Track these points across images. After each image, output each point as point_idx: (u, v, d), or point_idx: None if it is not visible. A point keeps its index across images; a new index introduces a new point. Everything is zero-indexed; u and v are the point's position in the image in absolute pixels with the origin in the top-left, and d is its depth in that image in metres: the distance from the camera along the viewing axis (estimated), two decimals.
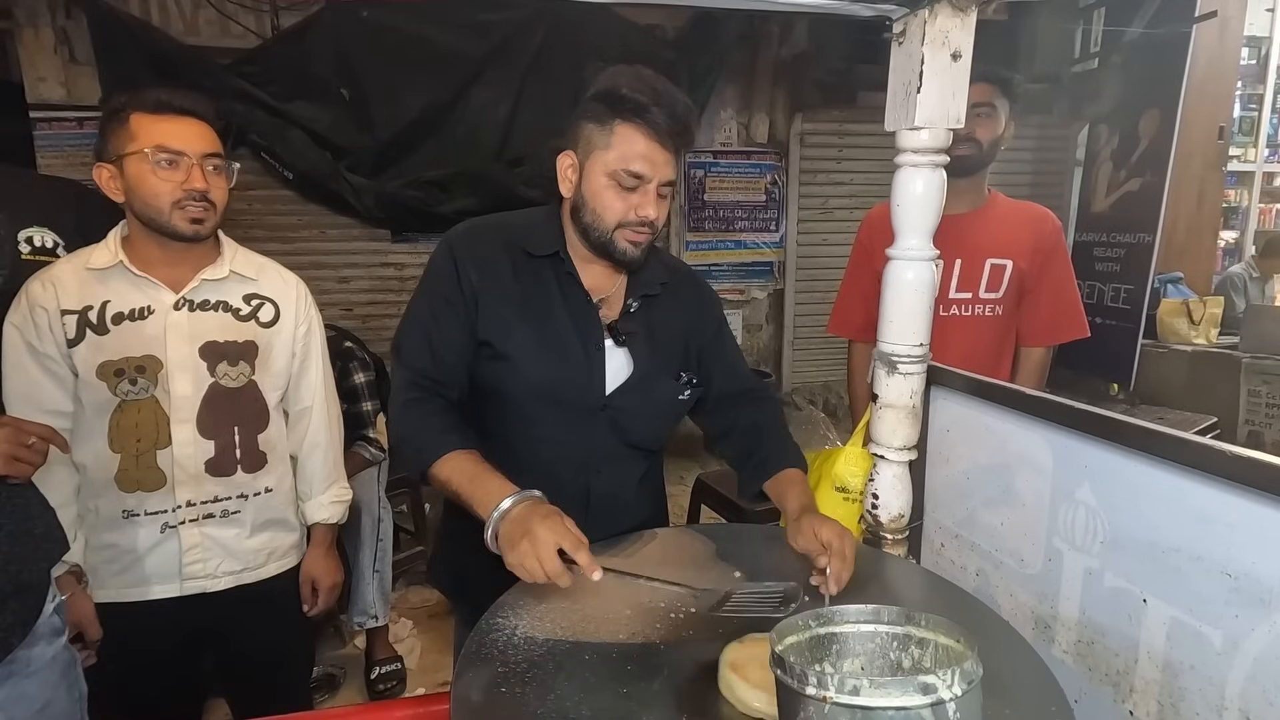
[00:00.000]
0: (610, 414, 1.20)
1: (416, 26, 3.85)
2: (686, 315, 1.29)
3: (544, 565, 0.90)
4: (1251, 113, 6.16)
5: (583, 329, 1.18)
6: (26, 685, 1.04)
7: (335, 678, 2.47)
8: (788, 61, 4.64)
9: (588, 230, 1.15)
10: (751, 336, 5.12)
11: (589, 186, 1.13)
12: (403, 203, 3.94)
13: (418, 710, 1.05)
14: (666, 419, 1.28)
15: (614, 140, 1.09)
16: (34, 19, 3.57)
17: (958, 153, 1.69)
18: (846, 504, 1.40)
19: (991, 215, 1.83)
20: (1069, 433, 1.05)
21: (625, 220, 1.12)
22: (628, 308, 1.23)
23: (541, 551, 0.91)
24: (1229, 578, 0.83)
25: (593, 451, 1.21)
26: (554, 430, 1.19)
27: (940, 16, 1.11)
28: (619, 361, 1.21)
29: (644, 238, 1.14)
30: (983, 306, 1.81)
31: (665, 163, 1.11)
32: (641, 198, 1.11)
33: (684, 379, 1.27)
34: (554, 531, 0.92)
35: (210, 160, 1.30)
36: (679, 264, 1.37)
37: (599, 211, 1.12)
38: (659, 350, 1.24)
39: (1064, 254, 1.87)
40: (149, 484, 1.31)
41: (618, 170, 1.09)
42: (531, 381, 1.17)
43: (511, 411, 1.19)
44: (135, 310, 1.30)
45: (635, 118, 1.08)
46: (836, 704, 0.59)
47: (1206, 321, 4.26)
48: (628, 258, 1.15)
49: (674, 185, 1.15)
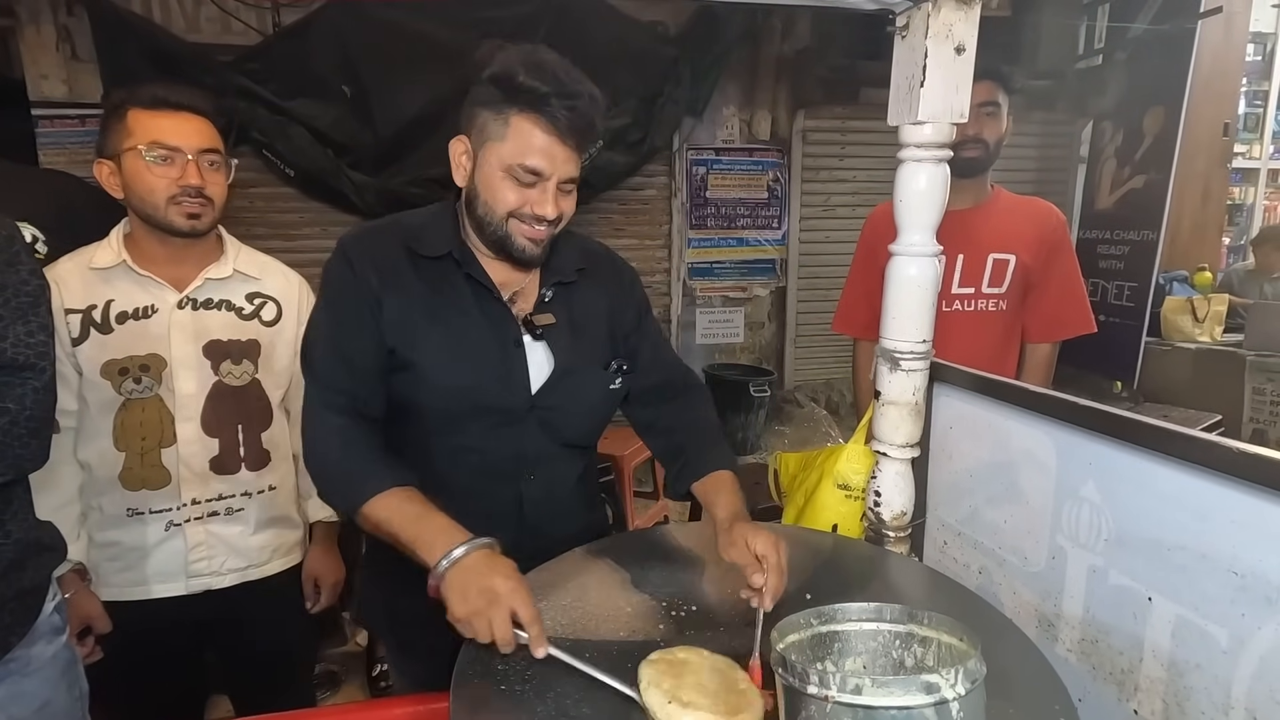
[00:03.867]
0: (539, 414, 1.12)
1: (418, 23, 3.85)
2: (609, 300, 1.21)
3: (495, 631, 0.84)
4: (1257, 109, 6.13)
5: (496, 327, 1.10)
6: (26, 684, 1.04)
7: (337, 675, 2.48)
8: (790, 58, 4.63)
9: (482, 224, 1.07)
10: (753, 334, 5.11)
11: (482, 177, 1.05)
12: (405, 200, 3.93)
13: (419, 708, 1.05)
14: (599, 412, 1.20)
15: (509, 132, 1.01)
16: (36, 16, 3.57)
17: (966, 154, 1.70)
18: (849, 502, 1.40)
19: (995, 210, 1.82)
20: (1073, 430, 1.04)
21: (519, 212, 1.04)
22: (542, 298, 1.15)
23: (496, 615, 0.85)
24: (1235, 576, 0.82)
25: (523, 457, 1.13)
26: (478, 439, 1.10)
27: (944, 10, 1.11)
28: (539, 357, 1.13)
29: (542, 235, 1.06)
30: (986, 302, 1.80)
31: (566, 159, 1.03)
32: (539, 194, 1.03)
33: (614, 367, 1.18)
34: (515, 597, 0.86)
35: (207, 156, 1.30)
36: (598, 247, 1.27)
37: (491, 204, 1.04)
38: (583, 340, 1.16)
39: (1069, 249, 1.85)
40: (154, 482, 1.32)
41: (513, 165, 1.01)
42: (446, 389, 1.08)
43: (428, 423, 1.10)
44: (139, 309, 1.30)
45: (533, 110, 0.99)
46: (839, 703, 0.59)
47: (1210, 319, 4.24)
48: (526, 255, 1.07)
49: (576, 180, 1.07)
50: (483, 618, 0.85)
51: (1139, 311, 4.06)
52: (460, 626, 0.87)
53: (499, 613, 0.85)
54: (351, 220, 4.18)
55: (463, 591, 0.87)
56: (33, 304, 0.97)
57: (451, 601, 0.87)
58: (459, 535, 0.93)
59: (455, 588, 0.88)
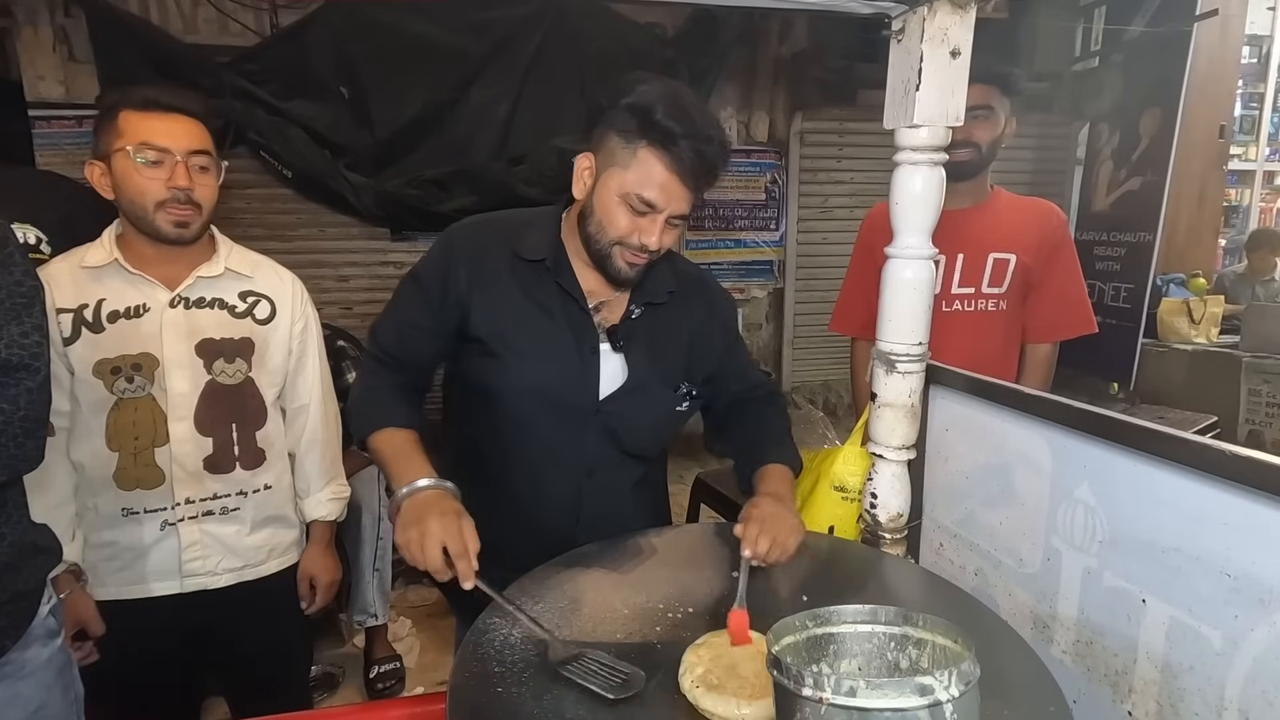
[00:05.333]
0: (603, 419, 1.19)
1: (416, 25, 3.85)
2: (693, 325, 1.26)
3: (425, 556, 0.95)
4: (1252, 111, 6.16)
5: (577, 332, 1.17)
6: (21, 687, 1.04)
7: (334, 676, 2.47)
8: (788, 60, 4.64)
9: (590, 239, 1.13)
10: (751, 335, 5.12)
11: (600, 198, 1.11)
12: (402, 201, 3.93)
13: (416, 710, 1.05)
14: (662, 429, 1.27)
15: (635, 162, 1.06)
16: (33, 17, 3.57)
17: (958, 157, 1.68)
18: (845, 503, 1.40)
19: (994, 210, 1.81)
20: (1068, 432, 1.04)
21: (626, 240, 1.10)
22: (629, 314, 1.21)
23: (427, 544, 0.95)
24: (1228, 578, 0.83)
25: (584, 456, 1.20)
26: (545, 431, 1.19)
27: (939, 14, 1.11)
28: (615, 367, 1.19)
29: (642, 261, 1.13)
30: (986, 302, 1.79)
31: (681, 197, 1.08)
32: (649, 224, 1.09)
33: (683, 390, 1.24)
34: (445, 530, 0.96)
35: (197, 158, 1.29)
36: (692, 269, 1.33)
37: (604, 224, 1.11)
38: (658, 359, 1.22)
39: (1070, 249, 1.84)
40: (148, 482, 1.31)
41: (631, 194, 1.07)
42: (523, 380, 1.16)
43: (502, 409, 1.19)
44: (131, 308, 1.30)
45: (662, 147, 1.04)
46: (833, 705, 0.59)
47: (1207, 321, 4.25)
48: (621, 277, 1.14)
49: (687, 218, 1.13)
50: (416, 545, 0.96)
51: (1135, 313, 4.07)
52: (402, 553, 0.98)
53: (430, 542, 0.95)
54: (349, 222, 4.19)
55: (404, 521, 0.99)
56: (27, 304, 0.97)
57: (397, 526, 1.00)
58: (425, 473, 1.05)
59: (402, 515, 1.00)
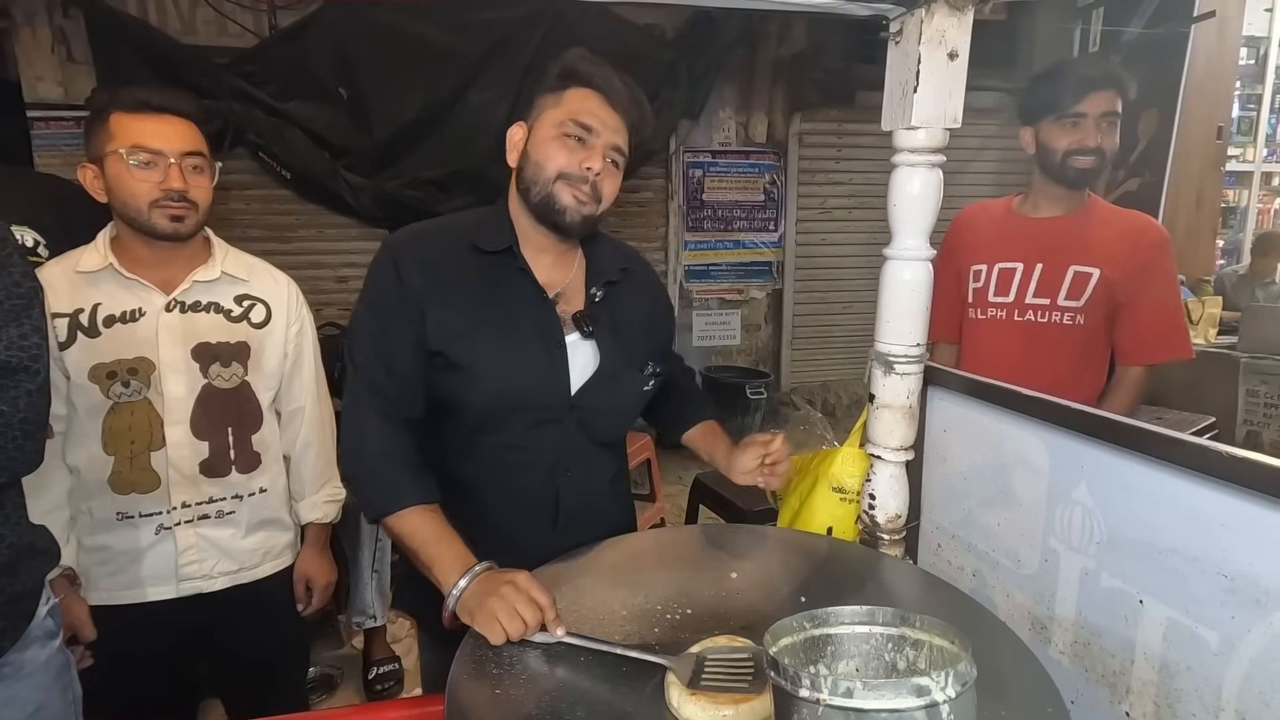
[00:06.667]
0: (578, 414, 1.15)
1: (415, 26, 3.85)
2: (649, 304, 1.27)
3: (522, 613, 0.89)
4: (1250, 112, 6.17)
5: (541, 328, 1.12)
6: (19, 688, 1.04)
7: (333, 678, 2.47)
8: (786, 61, 4.64)
9: (529, 188, 1.10)
10: (750, 336, 5.12)
11: (535, 144, 1.10)
12: (401, 202, 3.93)
13: (414, 711, 1.05)
14: (631, 412, 1.25)
15: (565, 99, 1.09)
16: (31, 18, 3.57)
17: (1084, 165, 1.66)
18: (843, 504, 1.40)
19: (1085, 221, 1.73)
20: (1066, 433, 1.04)
21: (567, 171, 1.07)
22: (591, 297, 1.17)
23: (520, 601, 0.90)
24: (1225, 579, 0.83)
25: (560, 454, 1.16)
26: (519, 437, 1.13)
27: (937, 16, 1.11)
28: (585, 356, 1.15)
29: (586, 196, 1.09)
30: (1060, 314, 1.70)
31: (616, 127, 1.10)
32: (587, 151, 1.08)
33: (650, 369, 1.21)
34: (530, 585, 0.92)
35: (190, 159, 1.29)
36: (634, 251, 1.33)
37: (542, 163, 1.08)
38: (623, 341, 1.18)
39: (1166, 268, 1.70)
40: (143, 486, 1.31)
41: (566, 121, 1.07)
42: (491, 389, 1.10)
43: (471, 422, 1.12)
44: (126, 312, 1.30)
45: (588, 83, 1.09)
46: (830, 706, 0.59)
47: (1205, 321, 4.25)
48: (567, 218, 1.09)
49: (624, 158, 1.13)
50: (505, 606, 0.89)
51: None
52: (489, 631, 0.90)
53: (520, 597, 0.90)
54: (347, 223, 4.19)
55: (479, 602, 0.92)
56: (25, 306, 0.96)
57: (474, 619, 0.92)
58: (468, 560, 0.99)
59: (470, 606, 0.93)
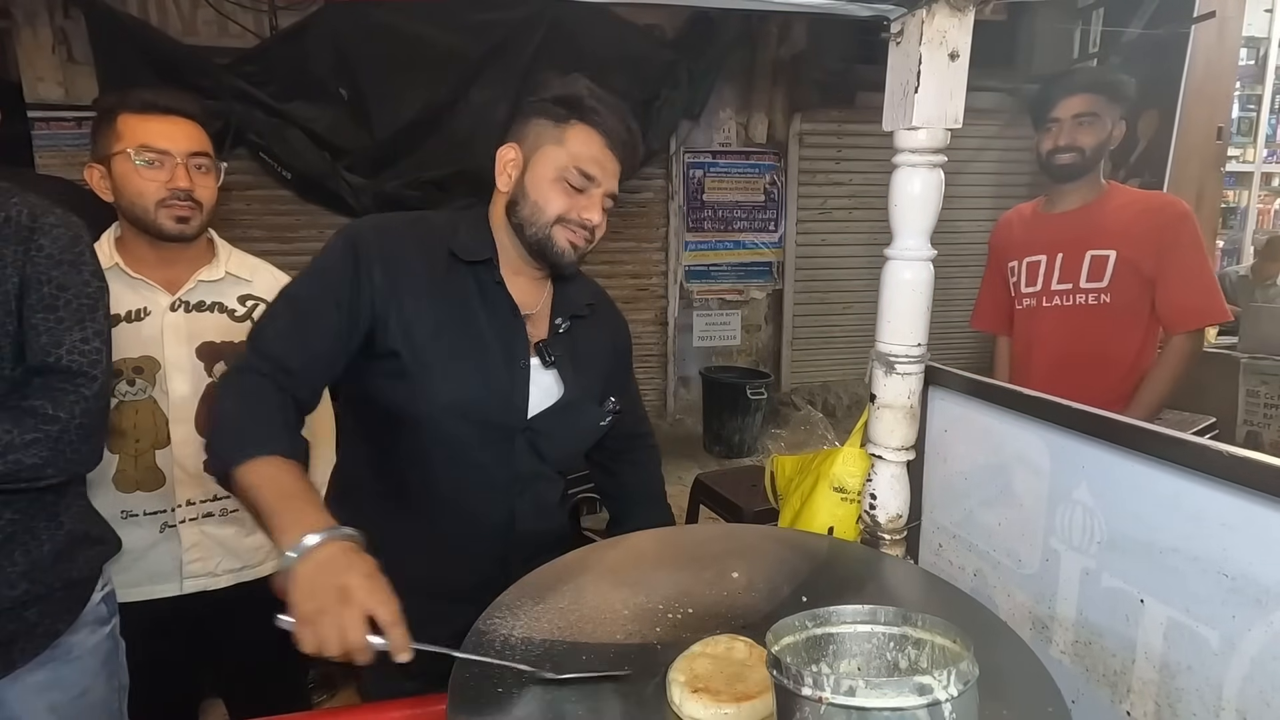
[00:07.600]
0: (530, 436, 1.14)
1: (415, 26, 3.86)
2: (611, 342, 1.27)
3: (347, 634, 0.73)
4: (1250, 113, 6.17)
5: (507, 344, 1.11)
6: (66, 670, 1.05)
7: (334, 678, 2.47)
8: (786, 61, 4.65)
9: (524, 225, 1.10)
10: (750, 337, 5.12)
11: (533, 178, 1.09)
12: (401, 203, 3.94)
13: (415, 711, 1.05)
14: (585, 443, 1.26)
15: (568, 138, 1.08)
16: (32, 18, 3.58)
17: (1061, 161, 1.86)
18: (844, 504, 1.40)
19: (1101, 210, 1.89)
20: (1066, 433, 1.04)
21: (566, 217, 1.08)
22: (556, 328, 1.18)
23: (349, 617, 0.73)
24: (1226, 578, 0.83)
25: (515, 474, 1.15)
26: (474, 452, 1.10)
27: (938, 16, 1.11)
28: (547, 383, 1.16)
29: (582, 241, 1.11)
30: (1085, 296, 1.87)
31: (614, 173, 1.11)
32: (587, 200, 1.09)
33: (610, 405, 1.22)
34: (374, 596, 0.75)
35: (196, 159, 1.30)
36: (600, 289, 1.32)
37: (540, 204, 1.08)
38: (584, 375, 1.19)
39: (1190, 239, 1.84)
40: (148, 484, 1.32)
41: (569, 167, 1.07)
42: (448, 399, 1.06)
43: (425, 433, 1.08)
44: (132, 312, 1.30)
45: (593, 122, 1.08)
46: (832, 704, 0.59)
47: None
48: (564, 259, 1.11)
49: (615, 201, 1.14)
50: (331, 619, 0.73)
51: None
52: (302, 631, 0.74)
53: (351, 614, 0.73)
54: (347, 223, 4.19)
55: (310, 587, 0.75)
56: (91, 308, 0.98)
57: (295, 598, 0.75)
58: (320, 521, 0.81)
59: (301, 582, 0.76)
